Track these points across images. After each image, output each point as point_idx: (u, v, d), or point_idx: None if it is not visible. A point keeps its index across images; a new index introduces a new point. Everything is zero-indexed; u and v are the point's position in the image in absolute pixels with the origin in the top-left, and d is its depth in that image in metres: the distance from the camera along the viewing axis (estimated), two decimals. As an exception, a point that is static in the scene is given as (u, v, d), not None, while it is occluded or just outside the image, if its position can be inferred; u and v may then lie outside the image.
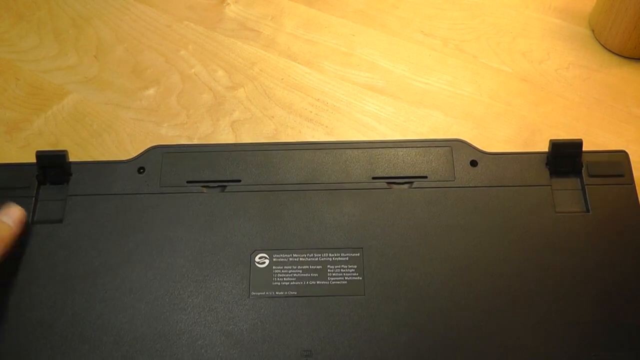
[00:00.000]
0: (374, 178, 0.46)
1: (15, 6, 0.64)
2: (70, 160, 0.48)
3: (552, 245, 0.43)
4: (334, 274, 0.42)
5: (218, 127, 0.54)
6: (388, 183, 0.45)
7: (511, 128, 0.53)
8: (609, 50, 0.58)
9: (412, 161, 0.47)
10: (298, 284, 0.42)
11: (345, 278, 0.42)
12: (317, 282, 0.42)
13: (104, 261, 0.43)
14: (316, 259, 0.43)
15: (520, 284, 0.41)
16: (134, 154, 0.48)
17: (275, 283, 0.42)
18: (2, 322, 0.40)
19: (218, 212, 0.45)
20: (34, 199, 0.46)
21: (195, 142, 0.53)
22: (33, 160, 0.47)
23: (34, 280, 0.42)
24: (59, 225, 0.45)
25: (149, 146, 0.48)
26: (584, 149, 0.46)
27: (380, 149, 0.47)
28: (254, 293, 0.42)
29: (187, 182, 0.47)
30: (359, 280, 0.42)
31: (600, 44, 0.58)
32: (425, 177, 0.46)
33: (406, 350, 0.39)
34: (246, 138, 0.53)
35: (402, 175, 0.46)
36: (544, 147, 0.47)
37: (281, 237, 0.44)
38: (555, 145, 0.45)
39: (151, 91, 0.57)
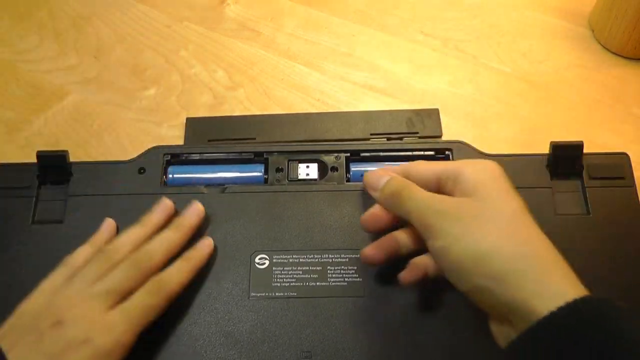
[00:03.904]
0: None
1: (15, 6, 0.64)
2: (71, 160, 0.48)
3: (552, 247, 0.43)
4: (333, 275, 0.42)
5: (218, 127, 0.54)
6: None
7: (511, 128, 0.53)
8: (609, 51, 0.58)
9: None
10: (298, 285, 0.42)
11: (345, 279, 0.42)
12: (317, 283, 0.42)
13: (104, 262, 0.43)
14: (316, 260, 0.43)
15: None
16: (134, 154, 0.48)
17: (275, 284, 0.42)
18: (2, 322, 0.40)
19: (218, 212, 0.45)
20: (34, 199, 0.46)
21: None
22: (33, 160, 0.47)
23: (35, 281, 0.41)
24: (59, 225, 0.45)
25: (149, 146, 0.49)
26: (584, 149, 0.46)
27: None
28: (253, 294, 0.42)
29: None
30: (359, 281, 0.42)
31: (600, 44, 0.58)
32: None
33: (405, 351, 0.39)
34: (246, 138, 0.53)
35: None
36: (544, 147, 0.47)
37: (281, 238, 0.44)
38: (556, 147, 0.45)
39: (151, 91, 0.57)
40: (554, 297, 0.30)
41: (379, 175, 0.41)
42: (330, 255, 0.43)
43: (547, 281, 0.32)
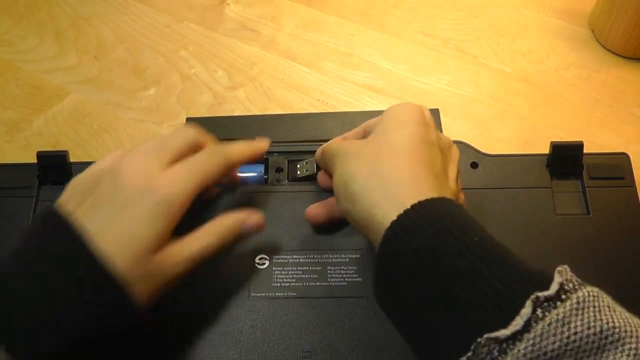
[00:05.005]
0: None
1: (15, 6, 0.64)
2: (71, 160, 0.48)
3: (552, 247, 0.43)
4: (333, 275, 0.42)
5: (218, 127, 0.54)
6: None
7: (511, 128, 0.53)
8: (609, 51, 0.58)
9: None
10: (298, 285, 0.42)
11: (345, 279, 0.42)
12: (317, 283, 0.42)
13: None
14: (316, 260, 0.43)
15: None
16: (134, 154, 0.48)
17: (275, 284, 0.42)
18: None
19: (218, 212, 0.45)
20: (34, 199, 0.46)
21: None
22: (33, 160, 0.47)
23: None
24: None
25: (149, 147, 0.49)
26: (584, 149, 0.46)
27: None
28: (254, 294, 0.42)
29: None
30: (359, 281, 0.42)
31: (601, 44, 0.58)
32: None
33: (405, 352, 0.39)
34: (246, 138, 0.53)
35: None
36: (544, 148, 0.47)
37: (281, 238, 0.44)
38: (556, 147, 0.45)
39: (151, 91, 0.57)
40: (394, 210, 0.31)
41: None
42: (330, 255, 0.43)
43: (391, 195, 0.33)
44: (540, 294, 0.26)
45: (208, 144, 0.40)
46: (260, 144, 0.43)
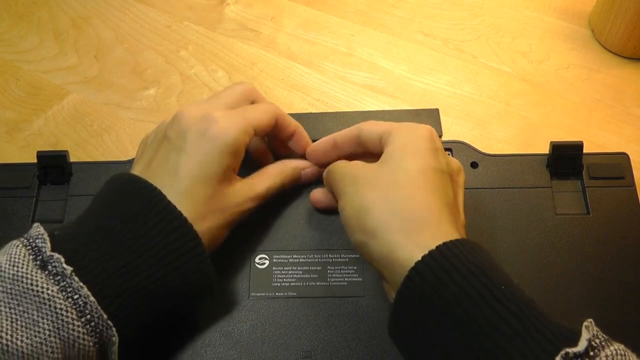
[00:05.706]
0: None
1: (15, 6, 0.64)
2: (71, 160, 0.48)
3: (552, 247, 0.43)
4: (333, 275, 0.42)
5: (218, 127, 0.54)
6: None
7: (511, 128, 0.53)
8: (609, 51, 0.58)
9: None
10: (298, 285, 0.42)
11: (345, 279, 0.42)
12: (317, 283, 0.42)
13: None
14: (316, 259, 0.43)
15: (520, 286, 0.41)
16: (134, 154, 0.48)
17: (275, 284, 0.42)
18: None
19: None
20: (34, 199, 0.46)
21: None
22: (33, 160, 0.47)
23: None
24: (59, 225, 0.45)
25: (149, 147, 0.49)
26: (584, 149, 0.46)
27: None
28: (254, 294, 0.42)
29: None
30: (359, 281, 0.42)
31: (600, 44, 0.58)
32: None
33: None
34: (246, 138, 0.53)
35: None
36: (544, 148, 0.47)
37: (281, 238, 0.44)
38: (556, 147, 0.46)
39: (151, 91, 0.57)
40: (417, 250, 0.31)
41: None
42: (330, 255, 0.43)
43: (413, 234, 0.32)
44: (569, 350, 0.26)
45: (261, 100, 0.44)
46: (308, 141, 0.46)
